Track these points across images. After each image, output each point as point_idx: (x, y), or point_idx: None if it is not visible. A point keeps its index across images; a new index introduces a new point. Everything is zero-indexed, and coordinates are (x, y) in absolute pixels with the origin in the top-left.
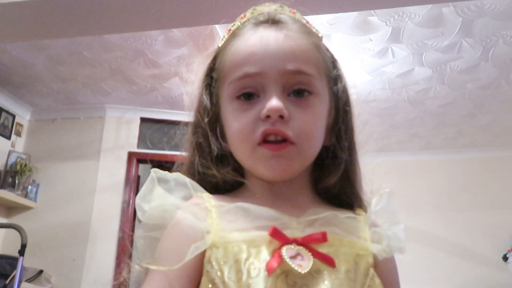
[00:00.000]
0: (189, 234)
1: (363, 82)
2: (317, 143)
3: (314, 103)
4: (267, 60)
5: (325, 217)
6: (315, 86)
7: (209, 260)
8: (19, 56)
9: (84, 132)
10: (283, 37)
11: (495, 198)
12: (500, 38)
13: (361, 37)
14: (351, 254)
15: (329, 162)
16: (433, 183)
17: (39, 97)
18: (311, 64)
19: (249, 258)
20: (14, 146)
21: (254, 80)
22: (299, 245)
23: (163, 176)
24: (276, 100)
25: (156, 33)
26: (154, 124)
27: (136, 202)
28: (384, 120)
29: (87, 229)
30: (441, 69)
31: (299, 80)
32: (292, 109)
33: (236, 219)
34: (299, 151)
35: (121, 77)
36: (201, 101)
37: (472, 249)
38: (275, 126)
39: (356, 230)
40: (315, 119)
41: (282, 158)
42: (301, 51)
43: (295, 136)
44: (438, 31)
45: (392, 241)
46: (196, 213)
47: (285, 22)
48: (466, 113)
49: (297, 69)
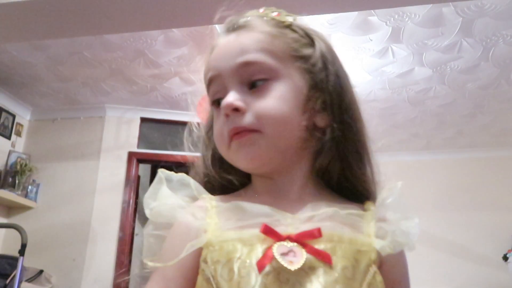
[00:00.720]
0: (187, 233)
1: (363, 82)
2: (285, 126)
3: (273, 87)
4: (221, 61)
5: (324, 212)
6: (271, 71)
7: (204, 259)
8: (19, 56)
9: (84, 132)
10: (235, 37)
11: (495, 198)
12: (500, 38)
13: (361, 37)
14: (350, 250)
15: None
16: (433, 183)
17: (39, 97)
18: (264, 52)
19: (241, 257)
20: (14, 146)
21: (217, 83)
22: (293, 242)
23: (169, 177)
24: (228, 97)
25: (156, 33)
26: (154, 124)
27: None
28: (384, 120)
29: (87, 229)
30: (441, 69)
31: (251, 71)
32: (250, 100)
33: (232, 217)
34: (266, 137)
35: (121, 77)
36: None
37: (472, 249)
38: (234, 123)
39: (359, 225)
40: (277, 102)
41: (247, 146)
42: (250, 43)
43: (255, 124)
44: (438, 31)
45: (398, 237)
46: (195, 214)
47: (246, 24)
48: (466, 113)
49: (245, 61)
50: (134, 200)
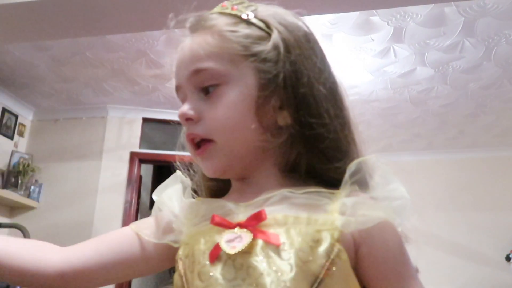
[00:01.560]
0: (165, 226)
1: (365, 82)
2: (236, 133)
3: (222, 93)
4: (178, 71)
5: (279, 196)
6: (221, 76)
7: (180, 257)
8: (21, 56)
9: (86, 132)
10: (190, 43)
11: (497, 198)
12: (502, 38)
13: (363, 37)
14: (307, 231)
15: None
16: (435, 183)
17: (42, 98)
18: (212, 57)
19: (201, 248)
20: (17, 146)
21: (180, 91)
22: (242, 228)
23: (181, 179)
24: (183, 106)
25: (158, 33)
26: (156, 124)
27: (157, 188)
28: (386, 120)
29: (90, 229)
30: (443, 68)
31: (202, 78)
32: (204, 108)
33: (197, 214)
34: (220, 147)
35: (123, 77)
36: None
37: (475, 249)
38: (189, 129)
39: (321, 205)
40: (225, 109)
41: (206, 159)
42: (198, 50)
43: (207, 134)
44: (440, 31)
45: (364, 209)
46: (176, 216)
47: (200, 25)
48: (468, 113)
49: (194, 69)
50: (136, 200)
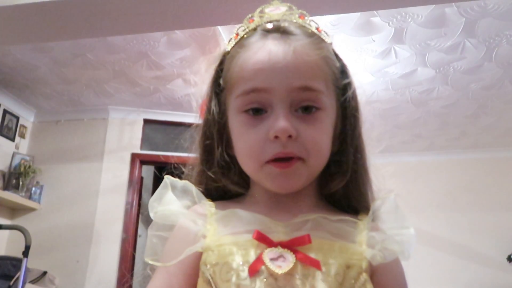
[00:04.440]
0: (186, 237)
1: (366, 83)
2: (324, 156)
3: (321, 118)
4: (274, 77)
5: (314, 221)
6: (322, 101)
7: (204, 262)
8: (23, 58)
9: (87, 134)
10: (291, 53)
11: (499, 199)
12: (503, 38)
13: (363, 38)
14: (341, 258)
15: (334, 167)
16: (437, 184)
17: (43, 99)
18: (319, 79)
19: (237, 260)
20: (18, 148)
21: (261, 96)
22: (284, 248)
23: (174, 183)
24: (283, 121)
25: (159, 35)
26: (157, 126)
27: (150, 203)
28: (387, 121)
29: (91, 230)
30: (444, 69)
31: (307, 97)
32: (300, 126)
33: (230, 224)
34: (307, 166)
35: (124, 79)
36: (210, 109)
37: (476, 250)
38: (286, 148)
39: (350, 234)
40: (323, 133)
41: (289, 174)
42: (308, 67)
43: (303, 153)
44: (441, 32)
45: (389, 245)
46: (195, 220)
47: (294, 33)
48: (469, 113)
49: (304, 86)
50: (137, 202)
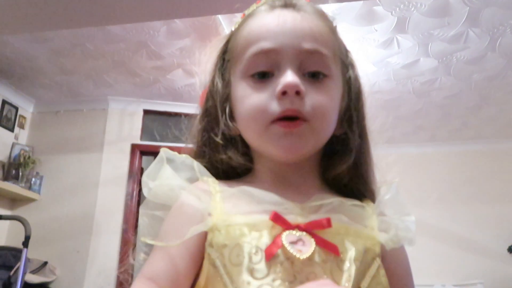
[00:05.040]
0: (191, 216)
1: (367, 73)
2: (330, 124)
3: (329, 85)
4: (283, 37)
5: (331, 204)
6: (331, 69)
7: (210, 244)
8: (21, 48)
9: (87, 125)
10: (300, 17)
11: (500, 190)
12: (507, 28)
13: (366, 27)
14: (358, 243)
15: (339, 150)
16: (438, 175)
17: (42, 90)
18: (328, 46)
19: (251, 242)
20: (18, 139)
21: (268, 57)
22: (302, 231)
23: (172, 157)
24: (292, 75)
25: (159, 24)
26: (157, 116)
27: (143, 179)
28: (388, 112)
29: (91, 221)
30: (447, 59)
31: (315, 61)
32: (308, 88)
33: (239, 202)
34: (313, 129)
35: (124, 69)
36: (214, 83)
37: (477, 241)
38: (294, 105)
39: (363, 218)
40: (330, 99)
41: (295, 136)
42: (318, 32)
43: (309, 114)
44: (445, 21)
45: (400, 231)
46: (199, 196)
47: (301, 5)
48: (471, 104)
49: (314, 49)
50: (138, 193)
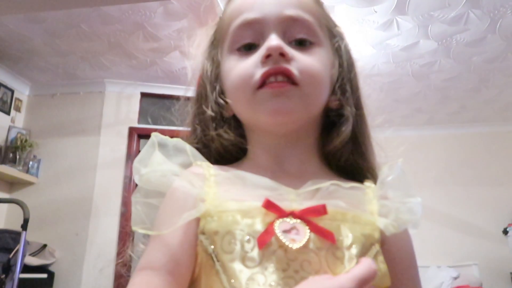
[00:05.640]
0: (184, 202)
1: (366, 55)
2: (321, 89)
3: (317, 51)
4: (266, 6)
5: (326, 189)
6: (317, 35)
7: (202, 231)
8: (15, 29)
9: (84, 107)
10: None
11: (497, 173)
12: (508, 9)
13: (365, 9)
14: (355, 229)
15: (336, 123)
16: (436, 157)
17: (38, 72)
18: (312, 13)
19: (243, 229)
20: (14, 122)
21: (253, 28)
22: (296, 218)
23: (164, 141)
24: (276, 39)
25: (155, 5)
26: (155, 99)
27: (134, 165)
28: (387, 95)
29: (90, 204)
30: (447, 42)
31: (300, 28)
32: (296, 54)
33: (233, 188)
34: (302, 93)
35: (120, 51)
36: (204, 68)
37: (473, 223)
38: (278, 63)
39: (361, 202)
40: (318, 63)
41: (284, 97)
42: (303, 0)
43: (298, 77)
44: (445, 2)
45: (402, 214)
46: (192, 181)
47: None
48: (470, 87)
49: (297, 15)
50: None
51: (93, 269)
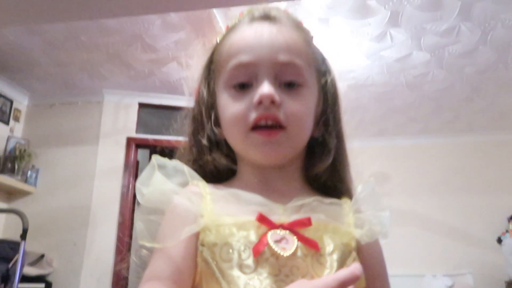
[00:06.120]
0: (185, 217)
1: (361, 66)
2: (306, 129)
3: (303, 93)
4: (260, 50)
5: (310, 204)
6: (305, 78)
7: (202, 243)
8: (16, 40)
9: (82, 117)
10: (276, 31)
11: (491, 181)
12: (498, 22)
13: (359, 21)
14: (335, 238)
15: (318, 151)
16: (430, 166)
17: (37, 82)
18: (302, 57)
19: (239, 240)
20: (13, 132)
21: (247, 69)
22: (285, 230)
23: (163, 163)
24: (267, 86)
25: (154, 17)
26: (153, 109)
27: (136, 186)
28: (382, 104)
29: (87, 213)
30: (439, 53)
31: (290, 72)
32: (283, 97)
33: (228, 204)
34: (289, 136)
35: (119, 61)
36: (200, 93)
37: (467, 231)
38: (268, 111)
39: (340, 216)
40: (305, 107)
41: (273, 143)
42: (293, 44)
43: (285, 120)
44: (437, 15)
45: (374, 226)
46: (191, 198)
47: (279, 18)
48: (463, 97)
49: (288, 61)
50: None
51: (90, 278)
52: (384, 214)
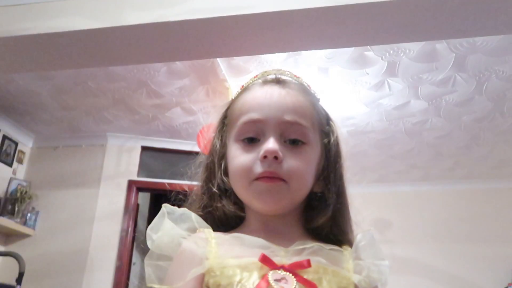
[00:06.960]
0: (191, 260)
1: (360, 113)
2: (306, 184)
3: (306, 151)
4: (269, 110)
5: (311, 248)
6: (309, 137)
7: (207, 284)
8: (25, 85)
9: (85, 160)
10: (284, 93)
11: (493, 230)
12: (492, 73)
13: (358, 71)
14: (334, 281)
15: (318, 205)
16: (431, 213)
17: (43, 125)
18: (307, 118)
19: (241, 281)
20: (16, 173)
21: (256, 125)
22: (286, 271)
23: (172, 211)
24: (272, 143)
25: (159, 65)
26: (155, 153)
27: (147, 232)
28: (382, 151)
29: (85, 257)
30: (437, 102)
31: (295, 130)
32: (286, 153)
33: (232, 247)
34: (289, 188)
35: (124, 106)
36: (213, 144)
37: (472, 281)
38: (271, 167)
39: (340, 261)
40: (306, 164)
41: (273, 192)
42: (299, 106)
43: (286, 175)
44: (433, 66)
45: (372, 273)
46: (198, 243)
47: (288, 82)
48: (462, 144)
49: (294, 121)
50: (133, 229)
51: None
52: (383, 263)
